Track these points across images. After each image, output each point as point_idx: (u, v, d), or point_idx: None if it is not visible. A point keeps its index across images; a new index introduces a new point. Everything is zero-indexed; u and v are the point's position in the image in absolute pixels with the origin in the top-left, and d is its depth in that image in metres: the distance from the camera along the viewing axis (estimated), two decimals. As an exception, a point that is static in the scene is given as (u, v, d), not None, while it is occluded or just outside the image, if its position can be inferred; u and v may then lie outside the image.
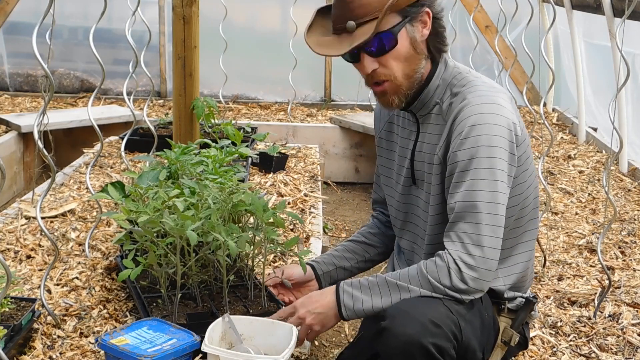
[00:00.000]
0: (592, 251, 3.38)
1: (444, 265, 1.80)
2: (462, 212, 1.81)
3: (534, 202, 2.04)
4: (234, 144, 3.59)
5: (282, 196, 3.69)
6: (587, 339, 2.57)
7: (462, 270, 1.79)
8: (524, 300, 2.07)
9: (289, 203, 3.60)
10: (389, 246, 2.29)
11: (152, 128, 3.21)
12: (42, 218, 3.16)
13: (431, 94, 1.95)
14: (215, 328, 1.90)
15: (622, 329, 2.61)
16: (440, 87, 1.95)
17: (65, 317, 2.30)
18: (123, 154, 3.15)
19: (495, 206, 1.81)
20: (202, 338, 1.87)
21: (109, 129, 5.25)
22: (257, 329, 1.96)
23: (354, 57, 1.89)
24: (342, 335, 2.90)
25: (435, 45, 1.93)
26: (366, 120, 5.84)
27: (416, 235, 2.06)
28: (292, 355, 2.10)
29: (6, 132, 5.24)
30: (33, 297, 2.33)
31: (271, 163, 4.09)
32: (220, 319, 1.92)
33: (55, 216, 3.24)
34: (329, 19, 1.92)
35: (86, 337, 2.19)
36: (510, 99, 1.94)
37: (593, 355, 2.47)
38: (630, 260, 3.29)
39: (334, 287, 1.92)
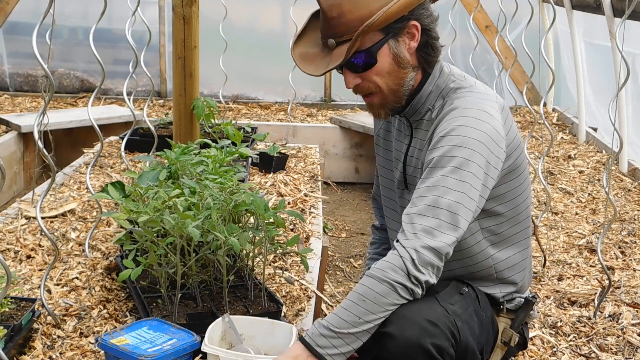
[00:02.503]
0: (592, 251, 3.39)
1: (399, 259, 1.70)
2: (424, 207, 1.74)
3: (527, 211, 2.03)
4: (234, 144, 3.59)
5: (282, 196, 3.69)
6: (587, 339, 2.57)
7: (417, 263, 1.70)
8: (523, 300, 2.07)
9: (289, 203, 3.60)
10: None
11: (152, 128, 3.21)
12: (42, 218, 3.16)
13: (423, 100, 1.94)
14: (215, 328, 1.90)
15: (622, 329, 2.62)
16: (433, 94, 1.93)
17: (65, 317, 2.30)
18: (123, 154, 3.15)
19: (457, 206, 1.73)
20: (202, 338, 1.87)
21: (109, 129, 5.26)
22: (257, 329, 1.96)
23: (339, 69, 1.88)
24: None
25: (424, 56, 1.91)
26: (366, 120, 5.84)
27: None
28: (292, 355, 2.09)
29: (6, 132, 5.24)
30: (33, 297, 2.33)
31: (271, 163, 4.09)
32: (220, 319, 1.92)
33: (55, 216, 3.24)
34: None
35: (86, 337, 2.19)
36: (503, 108, 1.91)
37: (593, 355, 2.47)
38: (630, 260, 3.29)
39: (294, 346, 1.72)
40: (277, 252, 2.28)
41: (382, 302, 1.70)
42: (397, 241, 1.74)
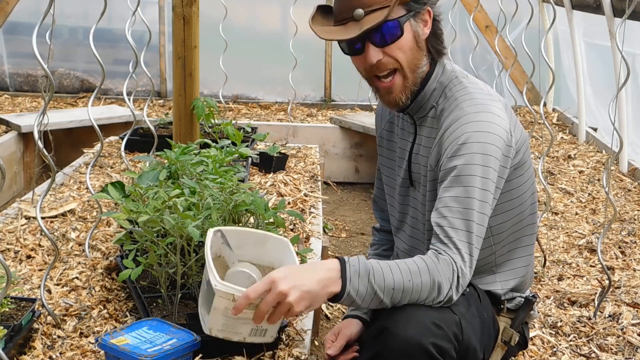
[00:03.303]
0: (592, 251, 3.38)
1: (450, 273, 1.75)
2: (458, 221, 1.78)
3: (532, 207, 2.04)
4: (234, 144, 3.59)
5: (282, 196, 3.69)
6: (587, 339, 2.57)
7: (460, 283, 1.78)
8: (523, 299, 2.07)
9: (289, 203, 3.60)
10: None
11: (152, 128, 3.21)
12: (42, 218, 3.16)
13: (427, 96, 1.95)
14: (211, 245, 1.79)
15: (622, 329, 2.62)
16: (437, 91, 1.95)
17: (65, 317, 2.30)
18: (123, 154, 3.15)
19: (483, 217, 1.81)
20: (202, 338, 1.87)
21: (109, 129, 5.26)
22: (247, 239, 1.88)
23: (355, 50, 1.88)
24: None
25: (435, 45, 1.94)
26: (366, 120, 5.83)
27: (412, 237, 2.06)
28: (292, 355, 2.09)
29: (6, 132, 5.24)
30: (33, 297, 2.33)
31: (271, 163, 4.09)
32: (211, 233, 1.80)
33: (55, 216, 3.24)
34: (328, 18, 1.92)
35: (86, 337, 2.19)
36: (506, 106, 1.93)
37: (593, 355, 2.47)
38: (630, 260, 3.29)
39: (331, 261, 1.72)
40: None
41: (416, 292, 1.72)
42: (441, 251, 1.77)
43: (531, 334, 2.56)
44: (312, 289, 1.66)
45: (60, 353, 2.09)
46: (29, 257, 2.78)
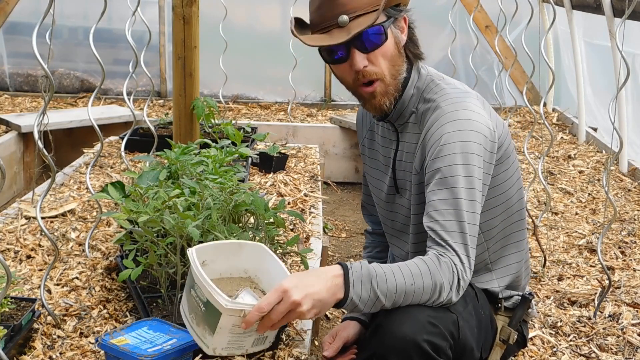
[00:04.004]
0: (592, 251, 3.39)
1: (450, 275, 1.76)
2: (450, 223, 1.78)
3: (519, 202, 2.04)
4: (234, 144, 3.59)
5: (282, 196, 3.69)
6: (587, 339, 2.57)
7: (461, 285, 1.78)
8: (520, 298, 2.07)
9: (289, 203, 3.60)
10: None
11: (152, 128, 3.21)
12: (42, 218, 3.16)
13: (406, 103, 1.96)
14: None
15: (622, 329, 2.62)
16: (415, 96, 1.95)
17: (65, 317, 2.30)
18: (123, 154, 3.15)
19: (474, 216, 1.80)
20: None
21: (109, 129, 5.26)
22: (222, 252, 1.84)
23: (337, 58, 1.87)
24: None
25: (412, 50, 1.95)
26: (366, 120, 5.83)
27: (405, 242, 2.07)
28: (292, 355, 2.09)
29: (6, 132, 5.24)
30: (33, 297, 2.33)
31: (271, 163, 4.09)
32: (194, 252, 1.73)
33: (55, 216, 3.24)
34: (305, 28, 1.92)
35: (86, 337, 2.19)
36: (483, 102, 1.94)
37: (593, 355, 2.47)
38: (630, 260, 3.29)
39: (334, 268, 1.73)
40: (277, 252, 2.27)
41: (417, 295, 1.73)
42: (442, 253, 1.76)
43: (531, 334, 2.56)
44: (323, 297, 1.67)
45: (60, 353, 2.09)
46: (29, 257, 2.78)
